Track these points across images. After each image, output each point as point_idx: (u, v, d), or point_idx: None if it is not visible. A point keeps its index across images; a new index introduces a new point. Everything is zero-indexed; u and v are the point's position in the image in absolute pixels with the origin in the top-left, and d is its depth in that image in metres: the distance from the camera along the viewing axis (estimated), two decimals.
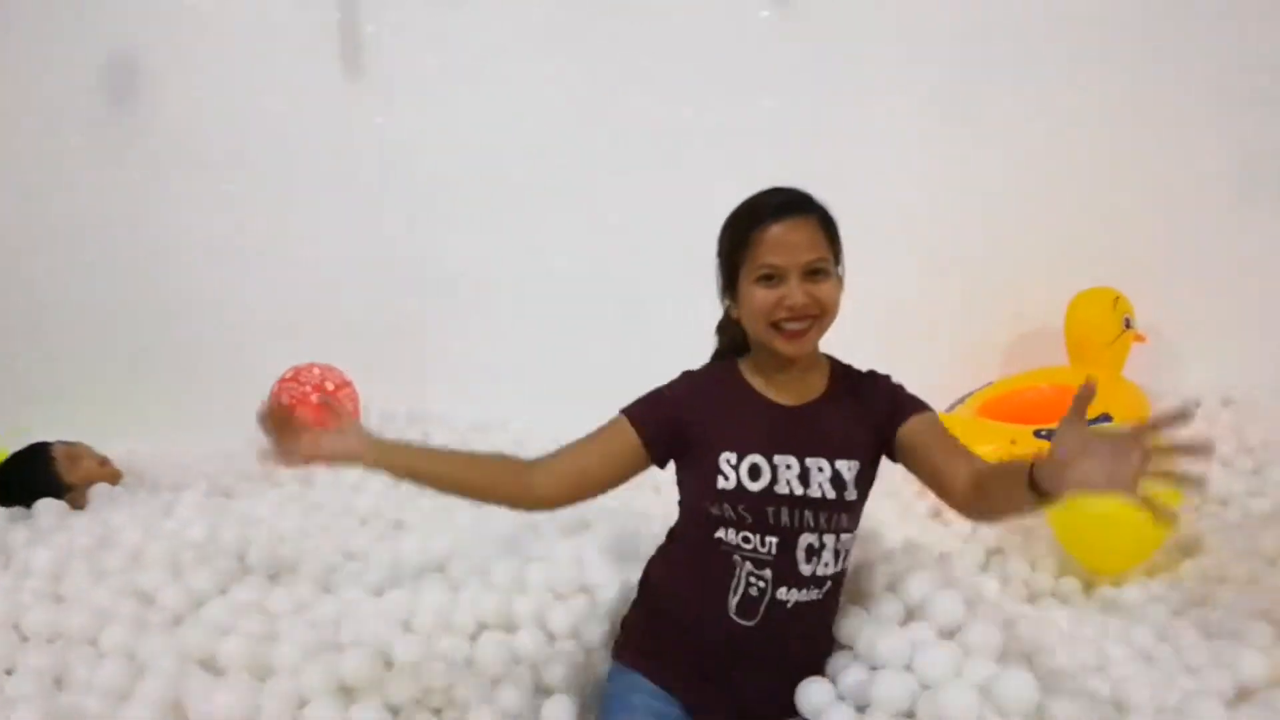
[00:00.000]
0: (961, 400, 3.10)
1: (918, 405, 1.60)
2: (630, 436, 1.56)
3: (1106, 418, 2.75)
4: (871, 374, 1.65)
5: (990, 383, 3.19)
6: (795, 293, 1.47)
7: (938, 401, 3.02)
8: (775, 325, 1.50)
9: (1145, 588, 2.28)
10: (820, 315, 1.50)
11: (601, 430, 1.58)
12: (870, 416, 1.57)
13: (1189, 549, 2.51)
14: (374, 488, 2.61)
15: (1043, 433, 2.78)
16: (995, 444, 2.76)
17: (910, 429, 1.55)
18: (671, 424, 1.56)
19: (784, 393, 1.57)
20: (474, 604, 1.88)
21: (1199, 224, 3.39)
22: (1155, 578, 2.33)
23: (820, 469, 1.51)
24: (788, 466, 1.50)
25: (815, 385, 1.59)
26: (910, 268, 3.34)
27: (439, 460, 1.57)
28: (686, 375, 1.63)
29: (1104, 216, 3.38)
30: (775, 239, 1.48)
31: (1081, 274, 3.24)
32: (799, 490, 1.50)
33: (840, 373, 1.63)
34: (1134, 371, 3.18)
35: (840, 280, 1.53)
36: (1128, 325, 3.10)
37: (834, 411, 1.56)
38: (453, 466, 1.56)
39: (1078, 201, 3.39)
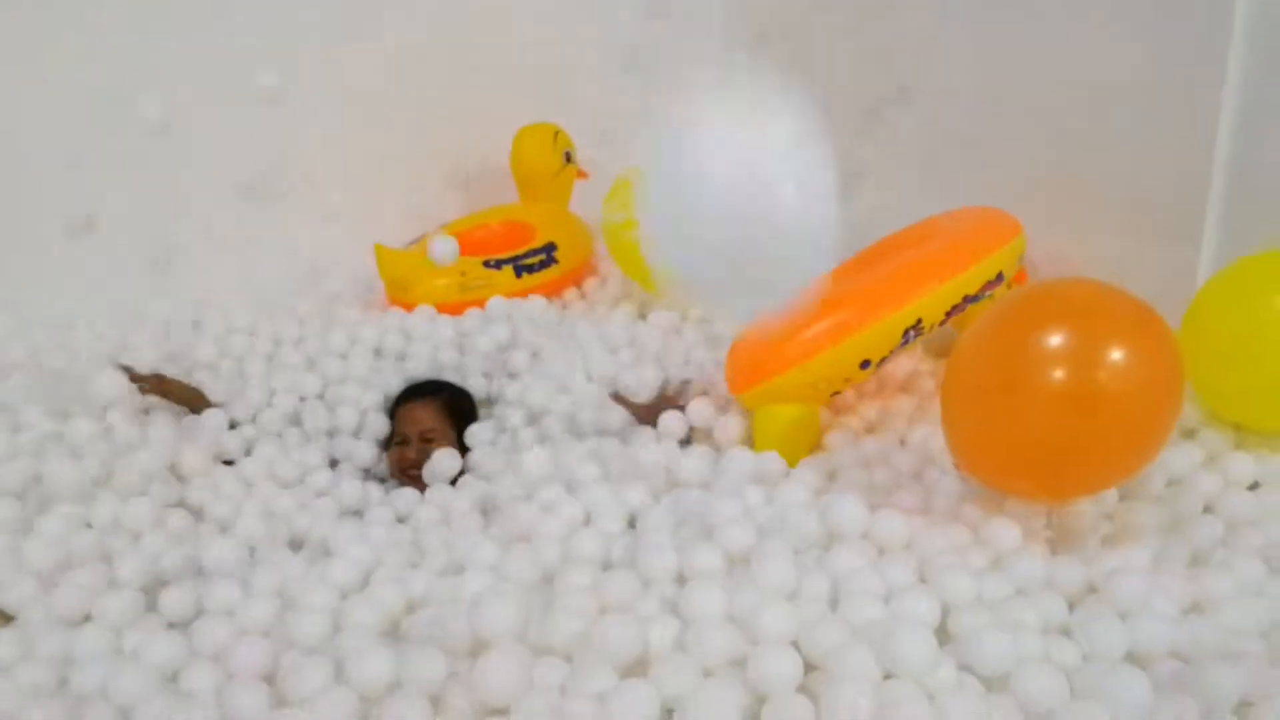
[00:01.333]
0: (416, 240, 3.02)
1: None
2: None
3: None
4: None
5: (446, 222, 3.14)
6: (410, 451, 2.10)
7: (396, 239, 2.95)
8: (403, 471, 2.11)
9: None
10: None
11: None
12: None
13: None
14: None
15: (490, 262, 2.80)
16: (447, 276, 2.74)
17: None
18: None
19: None
20: None
21: (619, 55, 3.54)
22: None
23: None
24: None
25: None
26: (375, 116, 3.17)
27: None
28: None
29: (542, 53, 3.42)
30: (403, 414, 2.18)
31: (525, 111, 3.27)
32: None
33: None
34: (580, 205, 3.32)
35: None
36: (568, 159, 3.19)
37: None
38: None
39: (519, 39, 3.39)
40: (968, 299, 2.05)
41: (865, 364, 1.95)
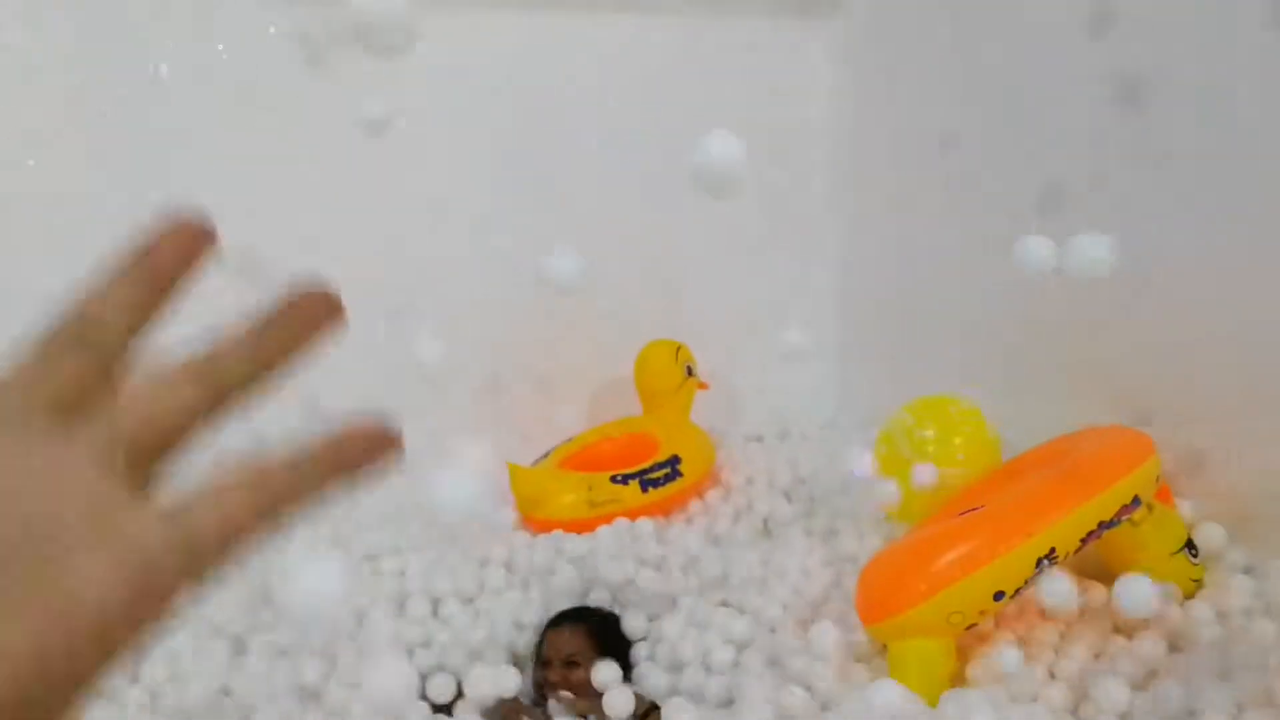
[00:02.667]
0: (545, 455, 3.11)
1: None
2: None
3: None
4: None
5: (571, 437, 3.24)
6: (552, 674, 2.18)
7: (525, 456, 3.03)
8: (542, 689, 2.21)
9: None
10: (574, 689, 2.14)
11: None
12: None
13: None
14: None
15: (618, 478, 2.84)
16: (575, 493, 2.79)
17: None
18: None
19: None
20: None
21: (738, 277, 3.67)
22: None
23: None
24: None
25: None
26: (496, 336, 3.32)
27: None
28: None
29: (664, 275, 3.57)
30: (549, 638, 2.25)
31: (648, 329, 3.38)
32: None
33: None
34: (701, 415, 3.38)
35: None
36: (690, 373, 3.29)
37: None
38: None
39: (641, 263, 3.53)
40: (1103, 525, 1.98)
41: (999, 595, 1.89)
